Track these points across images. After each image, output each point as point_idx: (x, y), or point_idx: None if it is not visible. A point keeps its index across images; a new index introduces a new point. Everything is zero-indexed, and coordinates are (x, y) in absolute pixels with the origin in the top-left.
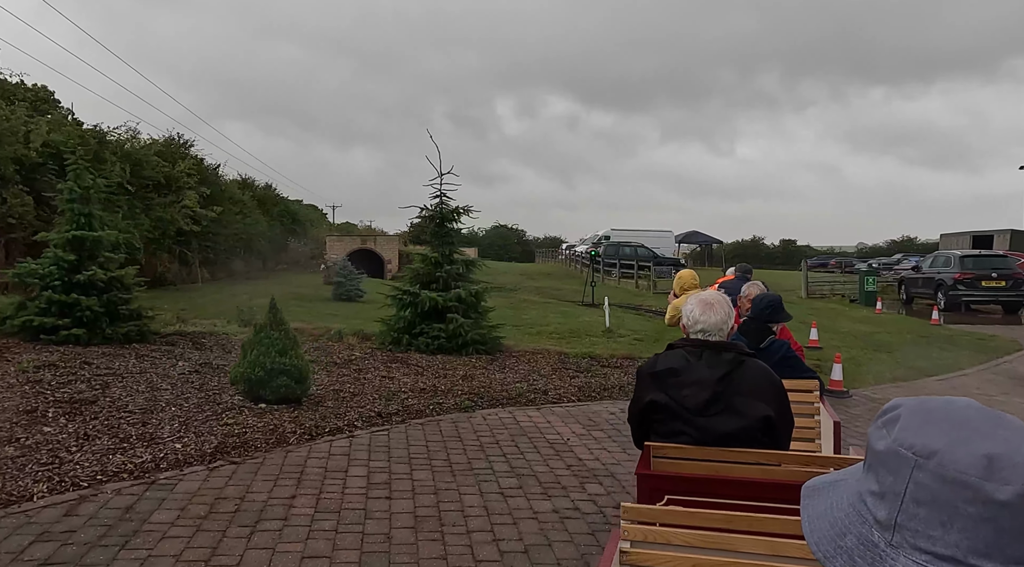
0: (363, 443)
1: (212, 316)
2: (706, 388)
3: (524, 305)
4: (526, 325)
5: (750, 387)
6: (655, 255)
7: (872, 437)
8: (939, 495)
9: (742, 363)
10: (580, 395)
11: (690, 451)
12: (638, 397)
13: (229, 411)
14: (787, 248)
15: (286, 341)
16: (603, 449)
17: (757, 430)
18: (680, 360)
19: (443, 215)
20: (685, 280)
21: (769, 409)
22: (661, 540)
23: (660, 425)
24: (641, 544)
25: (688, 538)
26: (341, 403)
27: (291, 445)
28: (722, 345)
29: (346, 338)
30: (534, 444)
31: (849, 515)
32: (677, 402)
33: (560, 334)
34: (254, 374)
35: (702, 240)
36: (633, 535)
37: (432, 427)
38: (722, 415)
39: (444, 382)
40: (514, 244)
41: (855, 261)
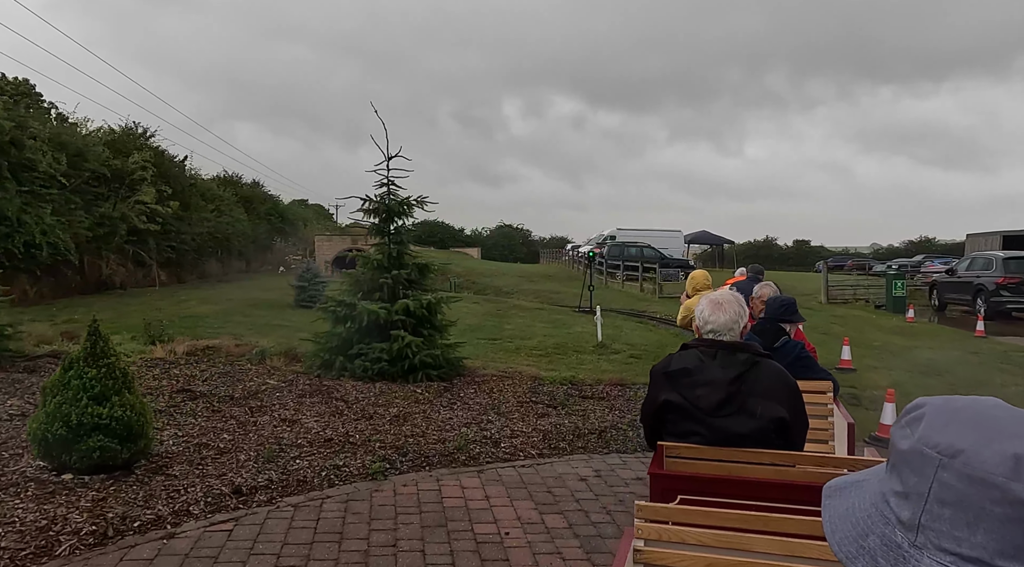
0: (178, 551)
1: (123, 330)
2: (719, 389)
3: (512, 312)
4: (505, 338)
5: (764, 388)
6: (662, 256)
7: (895, 436)
8: (965, 495)
9: (756, 364)
10: (544, 446)
11: (703, 451)
12: (652, 396)
13: (13, 487)
14: (800, 249)
15: (107, 382)
16: (557, 553)
17: (771, 431)
18: (694, 360)
19: (389, 208)
20: (698, 280)
21: (783, 410)
22: (675, 539)
23: (673, 425)
24: (655, 543)
25: (702, 537)
26: (195, 468)
27: (59, 557)
28: (736, 345)
29: (271, 359)
30: (452, 544)
31: (871, 515)
32: (690, 402)
33: (543, 350)
34: (52, 432)
35: (713, 240)
36: (647, 534)
37: (308, 513)
38: (736, 416)
39: (365, 427)
40: (519, 244)
41: (872, 262)
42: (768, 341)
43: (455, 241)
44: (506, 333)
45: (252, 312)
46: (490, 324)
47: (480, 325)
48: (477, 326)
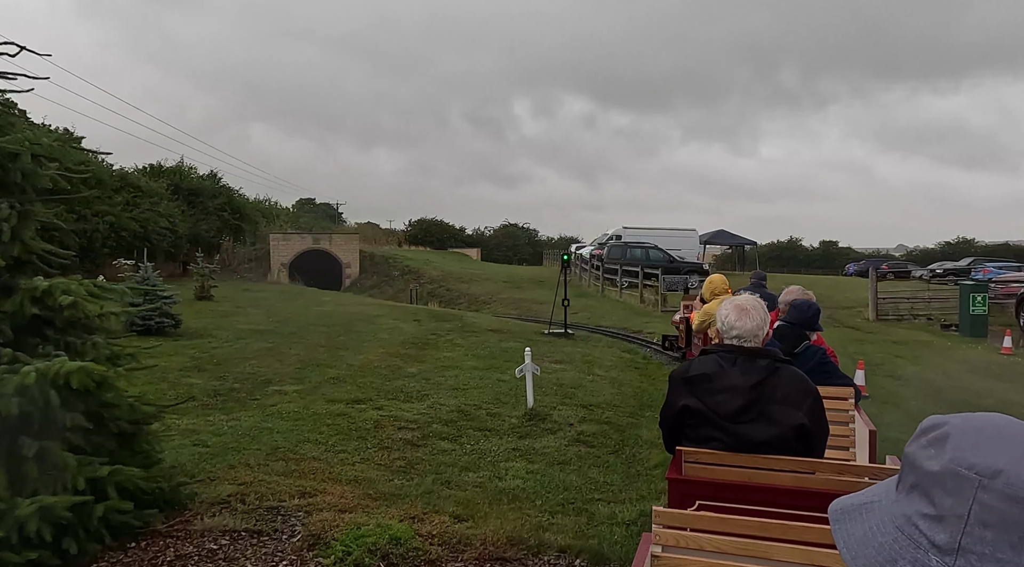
0: None
1: None
2: (739, 395)
3: (448, 338)
4: (387, 394)
5: (784, 394)
6: (671, 259)
7: (918, 457)
8: (1008, 516)
9: (777, 370)
10: None
11: (723, 457)
12: (671, 402)
13: None
14: (827, 250)
15: None
16: None
17: (791, 438)
18: (713, 365)
19: None
20: (716, 285)
21: (803, 417)
22: (693, 546)
23: (692, 430)
24: (672, 549)
25: (721, 544)
26: None
27: None
28: (757, 351)
29: None
30: None
31: (898, 540)
32: (710, 408)
33: (422, 429)
34: None
35: (732, 241)
36: (664, 540)
37: None
38: (756, 422)
39: None
40: (524, 245)
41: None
42: (789, 346)
43: (455, 241)
44: (398, 383)
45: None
46: (392, 364)
47: (376, 365)
48: (369, 367)
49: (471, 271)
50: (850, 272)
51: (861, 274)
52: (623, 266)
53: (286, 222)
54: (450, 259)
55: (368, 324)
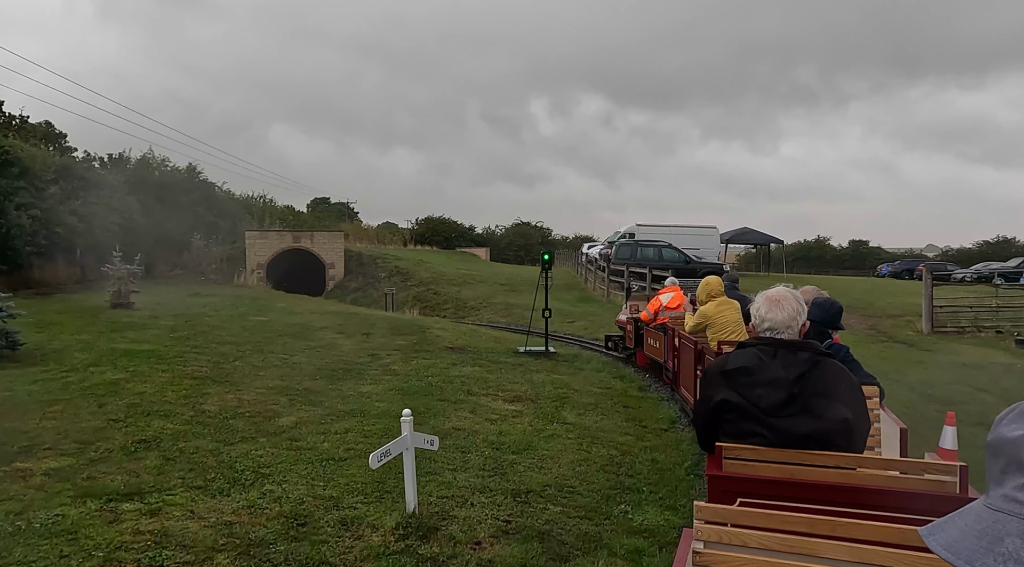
0: None
1: None
2: (781, 388)
3: (360, 370)
4: (88, 530)
5: (827, 388)
6: (687, 259)
7: (1003, 435)
8: None
9: (818, 362)
10: None
11: (765, 452)
12: (707, 396)
13: None
14: (857, 250)
15: None
16: None
17: (835, 433)
18: (753, 358)
19: None
20: (713, 287)
21: (848, 411)
22: (736, 542)
23: (731, 425)
24: (715, 545)
25: (765, 540)
26: None
27: None
28: (797, 343)
29: None
30: None
31: (999, 521)
32: (750, 402)
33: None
34: None
35: (757, 240)
36: (706, 535)
37: None
38: (799, 416)
39: None
40: (537, 244)
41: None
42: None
43: (464, 240)
44: (241, 448)
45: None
46: (268, 408)
47: (244, 410)
48: (228, 414)
49: (469, 272)
50: (883, 273)
51: (896, 275)
52: (630, 267)
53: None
54: (453, 259)
55: (298, 340)
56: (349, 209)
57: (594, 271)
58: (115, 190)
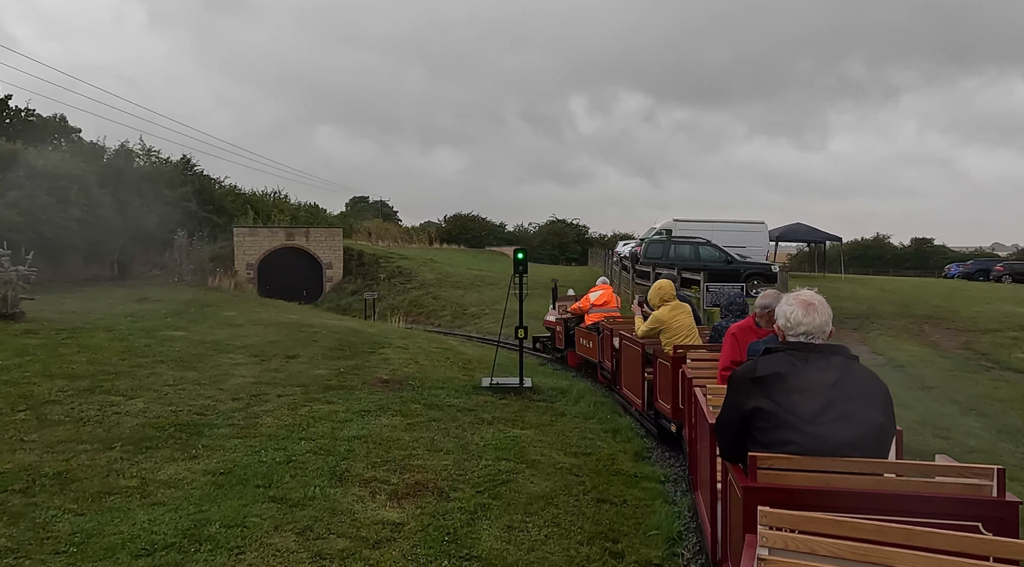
0: None
1: None
2: (819, 394)
3: (211, 428)
4: None
5: (863, 392)
6: (727, 258)
7: None
8: None
9: (850, 367)
10: None
11: (800, 461)
12: (737, 403)
13: None
14: (920, 248)
15: None
16: None
17: (871, 438)
18: (785, 364)
19: None
20: (666, 290)
21: (881, 415)
22: (804, 549)
23: (763, 434)
24: (780, 552)
25: (835, 548)
26: None
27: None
28: (829, 347)
29: None
30: None
31: None
32: (786, 409)
33: None
34: None
35: (811, 237)
36: (772, 542)
37: None
38: (836, 422)
39: None
40: (572, 242)
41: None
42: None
43: (494, 239)
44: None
45: None
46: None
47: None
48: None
49: (484, 274)
50: (952, 274)
51: (968, 276)
52: (656, 268)
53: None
54: (477, 259)
55: (182, 369)
56: (388, 208)
57: (618, 271)
58: (75, 181)
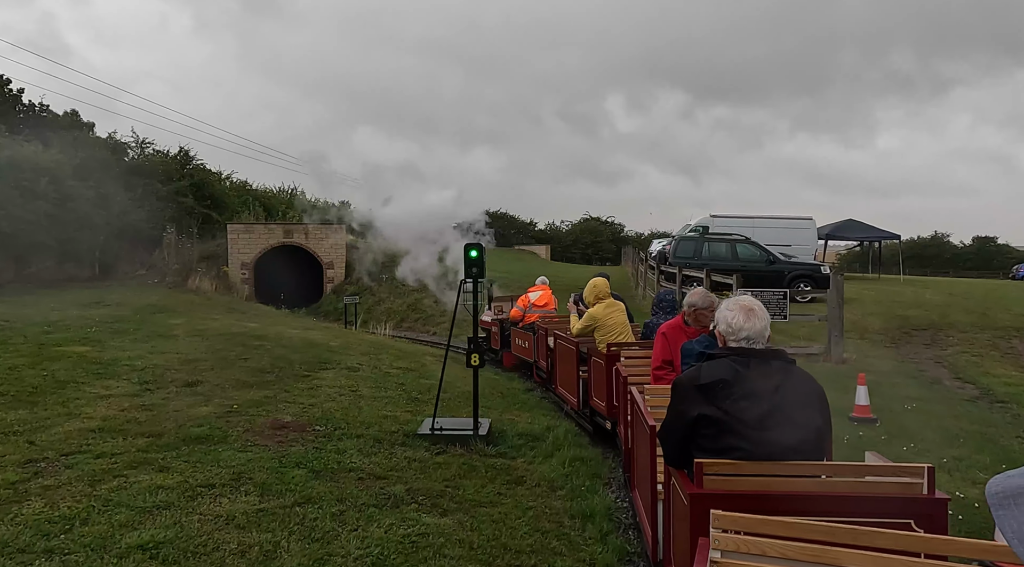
0: None
1: None
2: (763, 400)
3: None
4: None
5: (802, 396)
6: (770, 257)
7: None
8: None
9: (790, 371)
10: None
11: (745, 467)
12: (682, 411)
13: None
14: (983, 248)
15: None
16: None
17: (813, 441)
18: (729, 371)
19: None
20: (601, 289)
21: (821, 418)
22: (755, 551)
23: (709, 441)
24: (732, 554)
25: (785, 549)
26: None
27: None
28: (770, 352)
29: None
30: None
31: None
32: (731, 416)
33: None
34: None
35: (866, 234)
36: (724, 544)
37: None
38: (780, 427)
39: None
40: (606, 241)
41: None
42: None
43: (523, 237)
44: None
45: None
46: None
47: None
48: None
49: (496, 274)
50: (1020, 275)
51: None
52: (683, 270)
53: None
54: (499, 258)
55: (14, 408)
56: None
57: (644, 272)
58: (44, 173)
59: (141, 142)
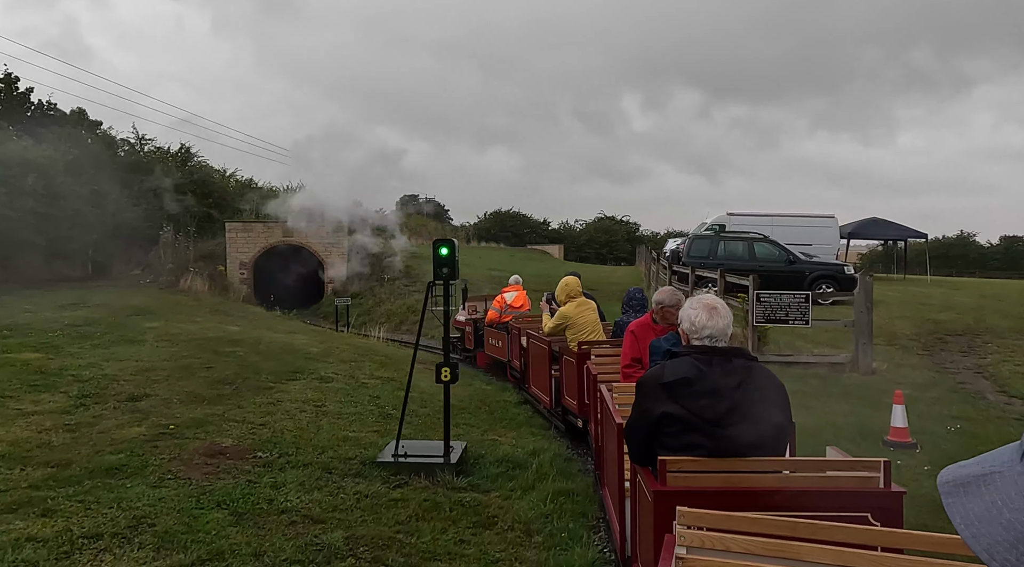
0: None
1: None
2: (725, 398)
3: None
4: None
5: (763, 394)
6: (790, 257)
7: None
8: None
9: (751, 368)
10: None
11: (707, 463)
12: (646, 409)
13: None
14: (1011, 248)
15: None
16: None
17: (774, 437)
18: (691, 369)
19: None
20: (572, 287)
21: (781, 415)
22: (719, 546)
23: (673, 438)
24: (697, 550)
25: (748, 545)
26: None
27: None
28: (732, 350)
29: None
30: None
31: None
32: (694, 413)
33: None
34: None
35: (891, 233)
36: (689, 541)
37: None
38: (741, 424)
39: None
40: (621, 240)
41: None
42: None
43: (537, 236)
44: None
45: None
46: None
47: None
48: None
49: (502, 274)
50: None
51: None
52: (696, 271)
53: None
54: (510, 258)
55: None
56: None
57: (656, 272)
58: (32, 169)
59: (141, 138)
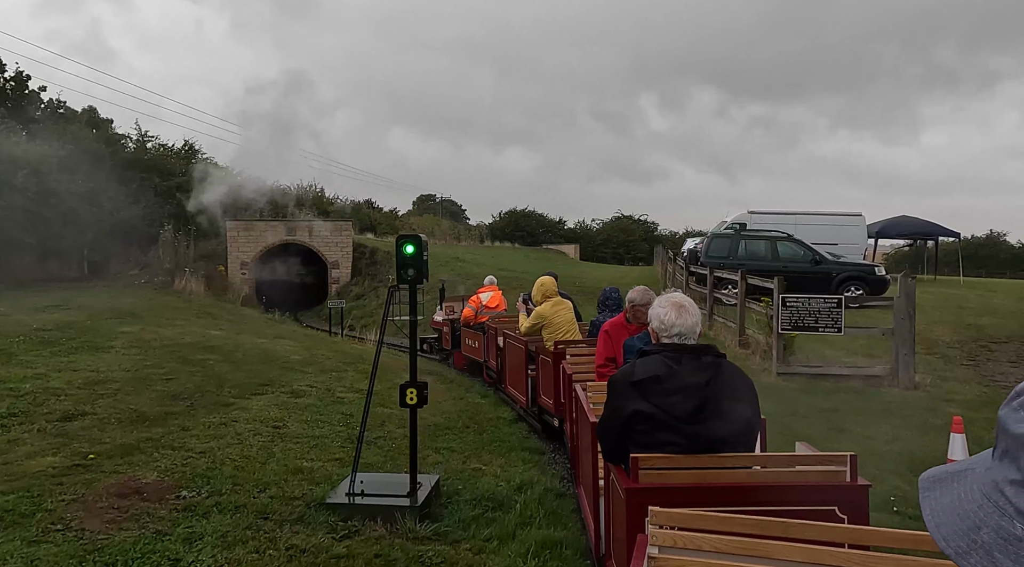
0: None
1: None
2: (694, 395)
3: None
4: None
5: (732, 390)
6: (815, 257)
7: (1008, 420)
8: None
9: (719, 365)
10: None
11: (679, 460)
12: (618, 408)
13: None
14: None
15: None
16: None
17: (743, 433)
18: (661, 366)
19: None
20: (548, 287)
21: (749, 410)
22: (691, 546)
23: (645, 436)
24: (669, 550)
25: (719, 544)
26: None
27: None
28: (701, 348)
29: None
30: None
31: (983, 507)
32: (664, 411)
33: None
34: None
35: (921, 231)
36: (661, 540)
37: None
38: (711, 421)
39: None
40: (639, 240)
41: None
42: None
43: (552, 236)
44: None
45: None
46: None
47: None
48: None
49: (512, 275)
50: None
51: None
52: (715, 272)
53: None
54: (524, 258)
55: None
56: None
57: (672, 273)
58: (22, 165)
59: (143, 135)
